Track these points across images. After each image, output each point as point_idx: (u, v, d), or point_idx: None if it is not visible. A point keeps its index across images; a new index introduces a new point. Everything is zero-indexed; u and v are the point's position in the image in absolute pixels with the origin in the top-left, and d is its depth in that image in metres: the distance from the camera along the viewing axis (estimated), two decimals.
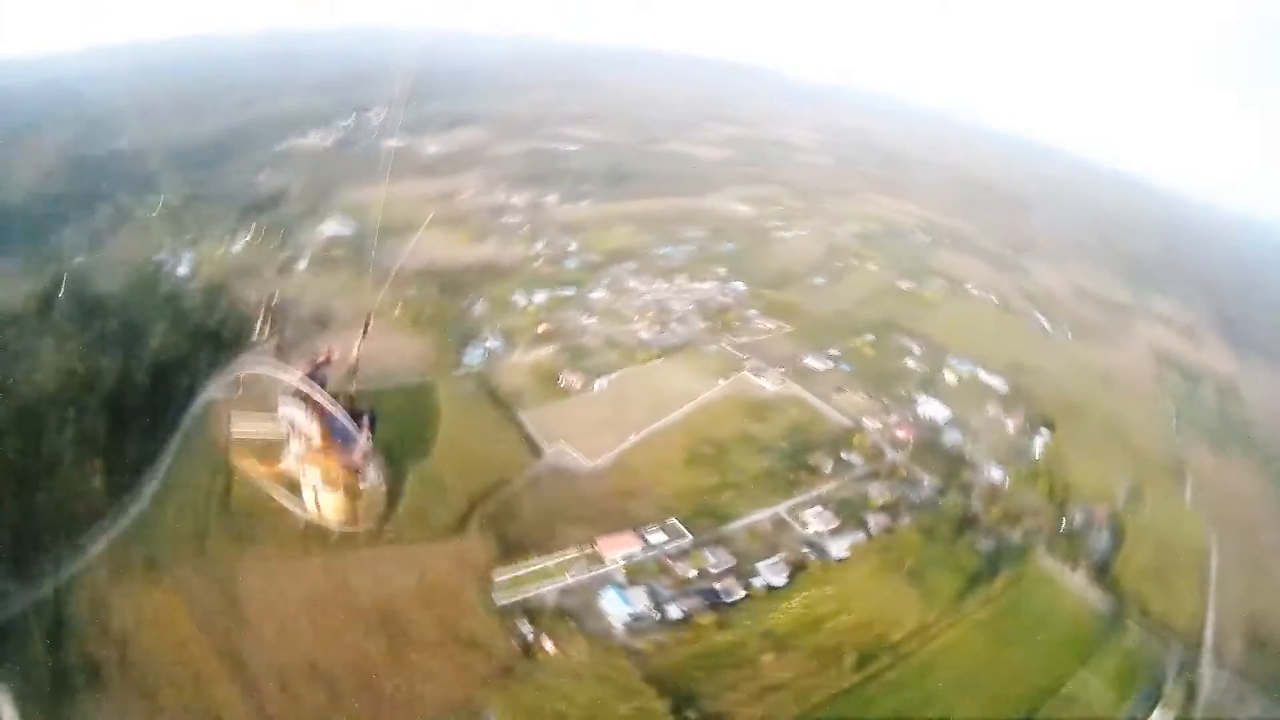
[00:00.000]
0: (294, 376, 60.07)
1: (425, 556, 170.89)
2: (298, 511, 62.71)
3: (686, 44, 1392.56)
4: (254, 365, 59.30)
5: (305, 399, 60.00)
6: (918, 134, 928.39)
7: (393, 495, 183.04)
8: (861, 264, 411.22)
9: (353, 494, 63.75)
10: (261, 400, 59.08)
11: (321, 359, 63.46)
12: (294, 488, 62.79)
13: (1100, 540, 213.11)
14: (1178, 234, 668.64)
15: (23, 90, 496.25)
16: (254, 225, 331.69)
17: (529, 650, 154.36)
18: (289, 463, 61.67)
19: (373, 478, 62.79)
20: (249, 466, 62.32)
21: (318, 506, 63.47)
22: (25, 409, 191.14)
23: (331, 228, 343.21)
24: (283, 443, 61.82)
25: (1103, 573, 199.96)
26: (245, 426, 58.29)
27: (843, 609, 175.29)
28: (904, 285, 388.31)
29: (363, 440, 62.62)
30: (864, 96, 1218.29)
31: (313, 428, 60.44)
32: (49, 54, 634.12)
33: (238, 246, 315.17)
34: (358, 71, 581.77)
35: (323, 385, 61.56)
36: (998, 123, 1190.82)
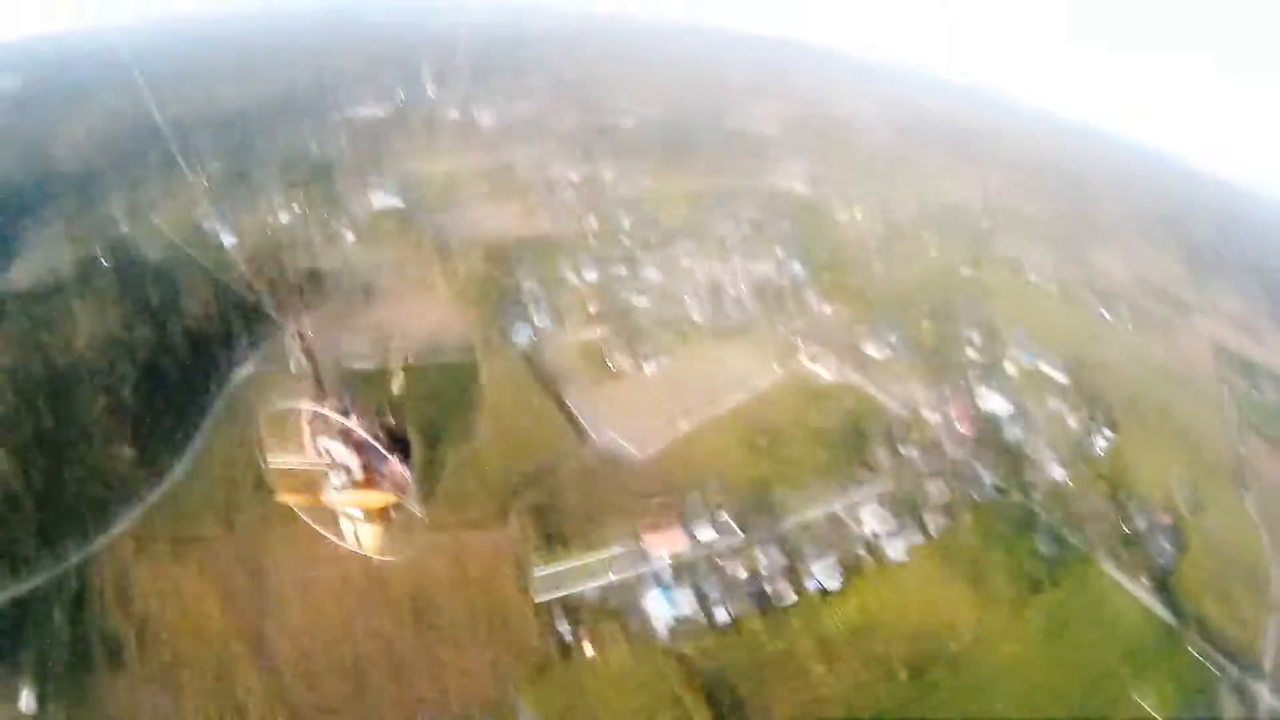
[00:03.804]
0: (332, 411, 54.12)
1: (463, 545, 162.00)
2: (337, 542, 56.53)
3: (743, 20, 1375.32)
4: (290, 400, 54.18)
5: (344, 431, 54.12)
6: (975, 115, 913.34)
7: (432, 479, 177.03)
8: (921, 247, 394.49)
9: (391, 524, 57.82)
10: (298, 432, 54.35)
11: (345, 404, 58.26)
12: (334, 519, 56.60)
13: (1162, 548, 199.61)
14: (1235, 224, 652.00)
15: (83, 59, 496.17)
16: (302, 195, 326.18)
17: (567, 650, 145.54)
18: (329, 495, 55.57)
19: (411, 506, 56.25)
20: (288, 499, 56.03)
21: (357, 538, 57.51)
22: (59, 378, 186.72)
23: (381, 199, 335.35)
24: (321, 475, 55.83)
25: (1163, 583, 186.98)
26: (283, 458, 54.39)
27: (899, 615, 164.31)
28: (965, 270, 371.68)
29: (402, 470, 56.63)
30: (921, 76, 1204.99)
31: (352, 460, 54.66)
32: (109, 25, 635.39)
33: (284, 216, 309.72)
34: (416, 42, 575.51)
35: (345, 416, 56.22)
36: (1055, 106, 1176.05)
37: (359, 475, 58.02)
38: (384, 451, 58.31)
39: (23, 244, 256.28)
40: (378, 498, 58.21)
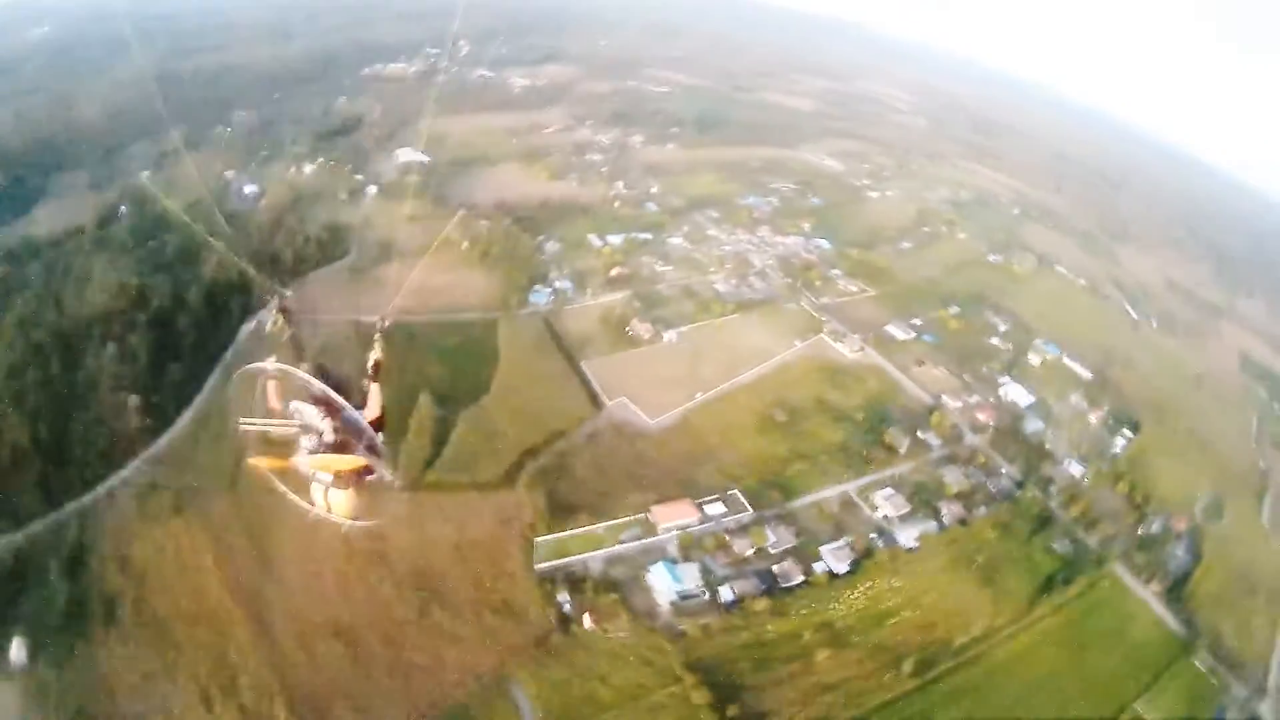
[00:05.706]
0: (306, 374, 50.80)
1: (468, 510, 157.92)
2: (307, 508, 53.37)
3: None
4: (266, 363, 51.64)
5: (318, 395, 50.72)
6: (1007, 102, 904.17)
7: (440, 440, 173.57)
8: (951, 232, 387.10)
9: (363, 491, 54.28)
10: (268, 393, 51.71)
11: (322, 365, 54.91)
12: (304, 484, 53.60)
13: (1177, 554, 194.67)
14: (1266, 234, 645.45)
15: (116, 11, 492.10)
16: (327, 150, 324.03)
17: (566, 622, 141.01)
18: (300, 460, 52.23)
19: (384, 474, 52.79)
20: (258, 462, 53.06)
21: (327, 503, 53.99)
22: (69, 328, 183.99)
23: (407, 155, 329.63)
24: (293, 439, 52.74)
25: (1177, 591, 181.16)
26: (254, 422, 52.17)
27: (908, 605, 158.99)
28: (993, 258, 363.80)
29: (375, 436, 53.40)
30: (958, 59, 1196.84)
31: (325, 424, 51.22)
32: None
33: (308, 170, 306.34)
34: (450, 2, 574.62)
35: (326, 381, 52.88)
36: (1084, 97, 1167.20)
37: (331, 439, 54.95)
38: (357, 415, 55.56)
39: (45, 192, 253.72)
40: (348, 462, 54.92)
